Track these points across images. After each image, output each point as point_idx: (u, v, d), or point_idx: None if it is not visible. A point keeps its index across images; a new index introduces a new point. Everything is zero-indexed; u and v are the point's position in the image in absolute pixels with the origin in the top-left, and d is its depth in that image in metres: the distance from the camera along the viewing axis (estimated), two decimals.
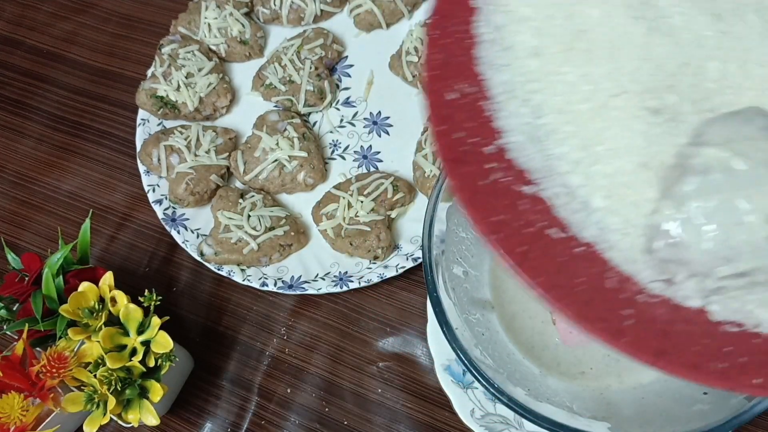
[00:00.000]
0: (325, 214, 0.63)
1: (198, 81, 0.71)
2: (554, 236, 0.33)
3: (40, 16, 0.86)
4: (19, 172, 0.76)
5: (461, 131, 0.36)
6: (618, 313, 0.31)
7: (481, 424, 0.52)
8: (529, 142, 0.36)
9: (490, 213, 0.33)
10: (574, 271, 0.32)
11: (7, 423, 0.47)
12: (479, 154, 0.35)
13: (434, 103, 0.36)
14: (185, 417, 0.61)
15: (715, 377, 0.29)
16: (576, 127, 0.36)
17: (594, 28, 0.38)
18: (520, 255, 0.32)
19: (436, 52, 0.38)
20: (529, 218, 0.34)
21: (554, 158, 0.36)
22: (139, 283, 0.67)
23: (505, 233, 0.33)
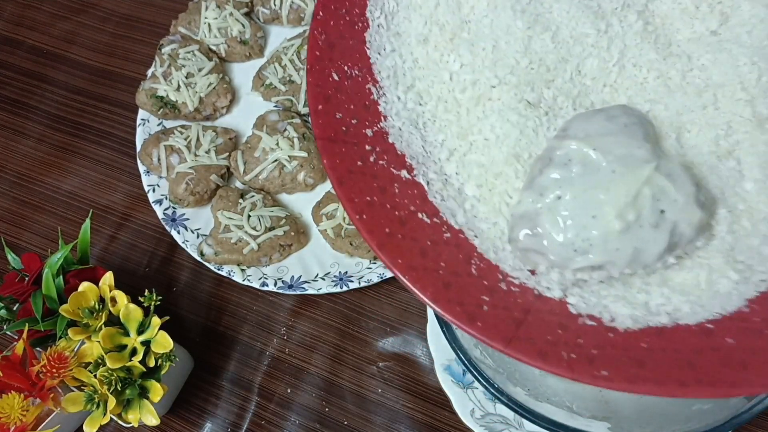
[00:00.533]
0: (325, 214, 0.63)
1: (198, 81, 0.71)
2: (425, 220, 0.34)
3: (40, 16, 0.86)
4: (19, 172, 0.76)
5: (342, 112, 0.36)
6: (476, 298, 0.31)
7: (481, 424, 0.52)
8: (410, 128, 0.36)
9: (359, 193, 0.34)
10: (438, 255, 0.33)
11: (7, 423, 0.47)
12: (359, 135, 0.35)
13: (314, 82, 0.36)
14: (185, 417, 0.61)
15: (562, 367, 0.30)
16: (455, 116, 0.37)
17: (480, 19, 0.38)
18: (382, 236, 0.32)
19: (320, 32, 0.38)
20: (401, 202, 0.34)
21: (433, 145, 0.36)
22: (139, 283, 0.67)
23: (371, 214, 0.33)
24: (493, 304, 0.31)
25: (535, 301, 0.32)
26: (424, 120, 0.37)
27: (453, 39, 0.38)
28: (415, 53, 0.38)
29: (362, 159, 0.35)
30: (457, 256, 0.33)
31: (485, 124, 0.36)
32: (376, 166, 0.35)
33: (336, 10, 0.39)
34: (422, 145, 0.36)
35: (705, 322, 0.32)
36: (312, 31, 0.38)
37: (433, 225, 0.34)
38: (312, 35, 0.38)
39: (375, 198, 0.34)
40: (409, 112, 0.37)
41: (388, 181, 0.35)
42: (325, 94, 0.36)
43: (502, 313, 0.31)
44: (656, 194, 0.31)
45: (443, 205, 0.35)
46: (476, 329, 0.31)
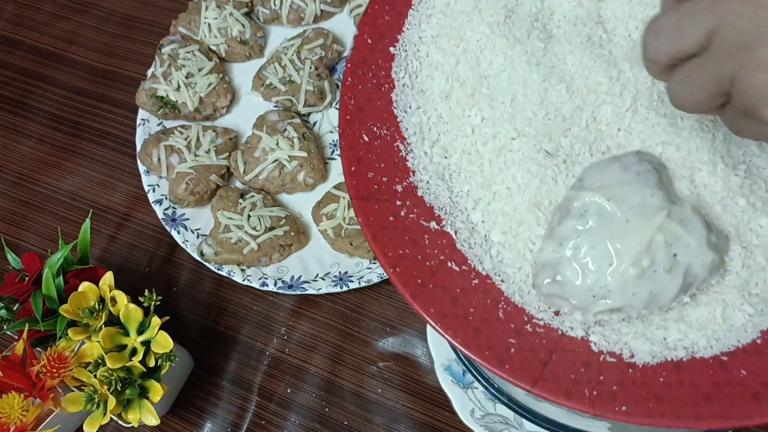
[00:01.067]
0: (325, 214, 0.63)
1: (198, 81, 0.71)
2: (454, 269, 0.36)
3: (40, 16, 0.86)
4: (19, 172, 0.76)
5: (373, 171, 0.38)
6: (504, 342, 0.33)
7: (481, 424, 0.52)
8: (437, 181, 0.38)
9: (392, 247, 0.36)
10: (468, 302, 0.35)
11: (7, 423, 0.47)
12: (390, 192, 0.38)
13: (346, 146, 0.39)
14: (185, 417, 0.61)
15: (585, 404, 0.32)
16: (478, 167, 0.39)
17: (497, 74, 0.40)
18: (415, 287, 0.35)
19: (350, 97, 0.40)
20: (431, 252, 0.36)
21: (459, 196, 0.38)
22: (139, 283, 0.67)
23: (404, 267, 0.35)
24: (520, 347, 0.33)
25: (559, 340, 0.34)
26: (450, 172, 0.39)
27: (473, 94, 0.40)
28: (438, 109, 0.40)
29: (394, 214, 0.37)
30: (486, 301, 0.35)
31: (507, 175, 0.38)
32: (407, 219, 0.37)
33: (363, 75, 0.41)
34: (449, 196, 0.38)
35: (720, 355, 0.34)
36: (342, 96, 0.40)
37: (462, 272, 0.36)
38: (342, 101, 0.40)
39: (407, 251, 0.36)
40: (436, 165, 0.39)
41: (419, 233, 0.37)
42: (357, 155, 0.38)
43: (528, 355, 0.33)
44: (669, 240, 0.33)
45: (471, 253, 0.37)
46: (505, 371, 0.32)
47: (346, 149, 0.38)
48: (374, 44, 0.42)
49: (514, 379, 0.32)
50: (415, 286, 0.34)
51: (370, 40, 0.42)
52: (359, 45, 0.41)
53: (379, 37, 0.42)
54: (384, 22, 0.42)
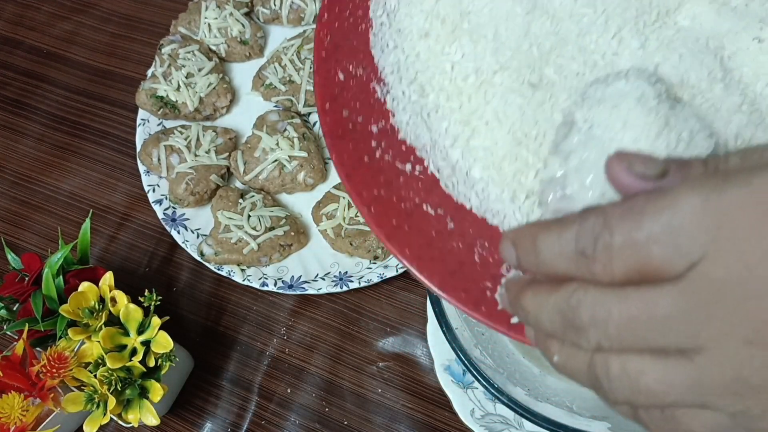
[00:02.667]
0: (325, 214, 0.63)
1: (198, 81, 0.71)
2: (429, 212, 0.35)
3: (40, 16, 0.86)
4: (19, 172, 0.76)
5: (348, 109, 0.37)
6: (480, 284, 0.33)
7: (481, 424, 0.52)
8: (416, 120, 0.37)
9: (366, 187, 0.35)
10: (443, 245, 0.34)
11: (7, 423, 0.47)
12: (366, 132, 0.37)
13: (321, 82, 0.38)
14: (185, 417, 0.61)
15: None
16: (458, 104, 0.37)
17: (479, 9, 0.39)
18: (390, 229, 0.34)
19: (325, 34, 0.39)
20: (406, 195, 0.35)
21: (438, 133, 0.37)
22: (139, 283, 0.67)
23: (378, 207, 0.34)
24: (496, 289, 0.33)
25: None
26: (428, 110, 0.38)
27: (454, 31, 0.39)
28: (417, 48, 0.39)
29: (368, 154, 0.36)
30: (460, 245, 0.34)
31: (488, 109, 0.37)
32: (382, 161, 0.36)
33: (340, 12, 0.40)
34: (429, 135, 0.37)
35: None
36: (317, 33, 0.39)
37: (437, 216, 0.35)
38: (317, 37, 0.39)
39: (382, 192, 0.35)
40: (414, 104, 0.38)
41: (394, 175, 0.36)
42: (331, 93, 0.37)
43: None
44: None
45: (455, 192, 0.36)
46: (481, 314, 0.32)
47: (319, 86, 0.37)
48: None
49: (490, 322, 0.32)
50: (390, 227, 0.34)
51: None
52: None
53: None
54: None
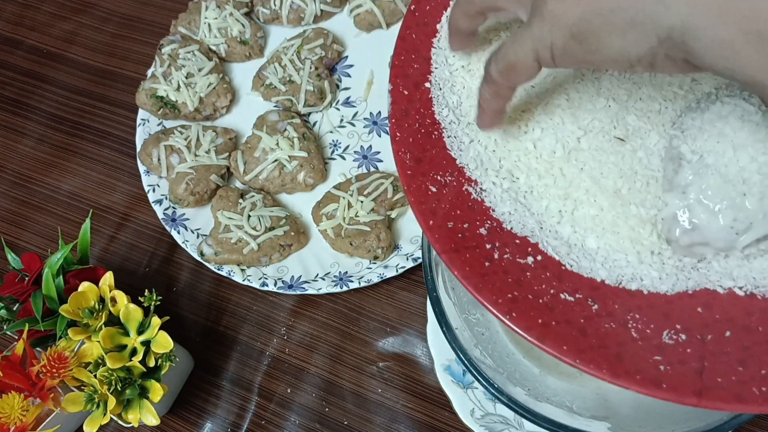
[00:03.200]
0: (325, 214, 0.63)
1: (198, 81, 0.71)
2: (568, 299, 0.34)
3: (40, 16, 0.86)
4: (19, 172, 0.76)
5: (451, 220, 0.37)
6: (652, 362, 0.31)
7: (481, 424, 0.52)
8: (516, 206, 0.37)
9: (499, 294, 0.34)
10: (597, 330, 0.33)
11: (7, 423, 0.47)
12: (477, 237, 0.36)
13: (416, 200, 0.37)
14: (185, 417, 0.61)
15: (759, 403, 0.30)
16: (551, 179, 0.37)
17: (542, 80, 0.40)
18: (539, 329, 0.33)
19: (404, 152, 0.39)
20: (540, 288, 0.34)
21: (541, 214, 0.37)
22: (139, 283, 0.67)
23: (519, 311, 0.33)
24: (668, 362, 0.32)
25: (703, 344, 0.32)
26: (523, 193, 0.38)
27: (525, 110, 0.40)
28: (492, 135, 0.39)
29: (488, 259, 0.35)
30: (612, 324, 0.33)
31: (583, 176, 0.37)
32: (503, 261, 0.35)
33: (410, 126, 0.40)
34: (533, 219, 0.37)
35: None
36: (396, 153, 0.39)
37: (579, 301, 0.34)
38: (397, 156, 0.39)
39: (516, 293, 0.34)
40: (508, 192, 0.37)
41: (520, 272, 0.35)
42: (430, 208, 0.37)
43: (680, 369, 0.31)
44: None
45: (580, 269, 0.35)
46: (663, 392, 0.31)
47: (416, 204, 0.37)
48: (411, 94, 0.41)
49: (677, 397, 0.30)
50: (540, 328, 0.33)
51: (406, 91, 0.41)
52: (396, 98, 0.41)
53: (413, 86, 0.41)
54: (414, 71, 0.42)
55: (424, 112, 0.40)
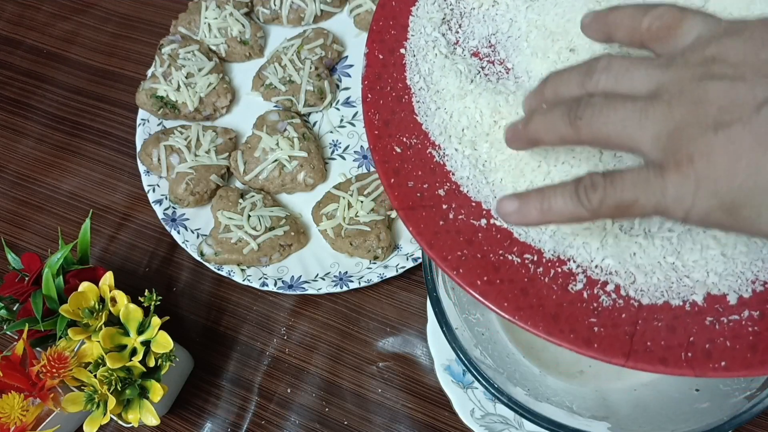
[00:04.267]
0: (325, 214, 0.63)
1: (198, 81, 0.71)
2: (515, 260, 0.36)
3: (40, 16, 0.86)
4: (19, 172, 0.76)
5: (412, 180, 0.39)
6: (586, 322, 0.33)
7: (481, 424, 0.52)
8: (475, 173, 0.39)
9: (449, 251, 0.36)
10: (539, 290, 0.35)
11: (7, 423, 0.47)
12: (434, 198, 0.38)
13: (380, 159, 0.39)
14: (185, 417, 0.61)
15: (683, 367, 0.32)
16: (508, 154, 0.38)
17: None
18: (483, 286, 0.35)
19: (373, 113, 0.41)
20: (489, 249, 0.36)
21: (496, 185, 0.38)
22: (139, 283, 0.67)
23: (466, 268, 0.35)
24: (602, 323, 0.33)
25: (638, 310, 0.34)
26: (483, 162, 0.39)
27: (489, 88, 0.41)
28: (457, 105, 0.41)
29: (443, 218, 0.37)
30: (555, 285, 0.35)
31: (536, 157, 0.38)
32: (457, 221, 0.37)
33: (381, 89, 0.42)
34: (489, 188, 0.38)
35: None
36: (366, 113, 0.41)
37: (524, 263, 0.36)
38: (367, 117, 0.41)
39: (465, 251, 0.36)
40: (469, 158, 0.39)
41: (472, 232, 0.37)
42: (393, 167, 0.39)
43: (612, 331, 0.33)
44: None
45: (528, 239, 0.37)
46: (594, 351, 0.33)
47: (381, 163, 0.39)
48: (386, 59, 0.43)
49: (604, 357, 0.32)
50: (483, 285, 0.35)
51: (381, 56, 0.43)
52: (371, 61, 0.42)
53: (389, 51, 0.43)
54: (391, 37, 0.43)
55: (396, 76, 0.42)
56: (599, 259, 0.35)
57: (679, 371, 0.31)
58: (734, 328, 0.32)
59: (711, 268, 0.34)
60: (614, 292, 0.34)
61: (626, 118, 0.27)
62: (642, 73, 0.28)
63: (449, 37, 0.43)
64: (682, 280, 0.34)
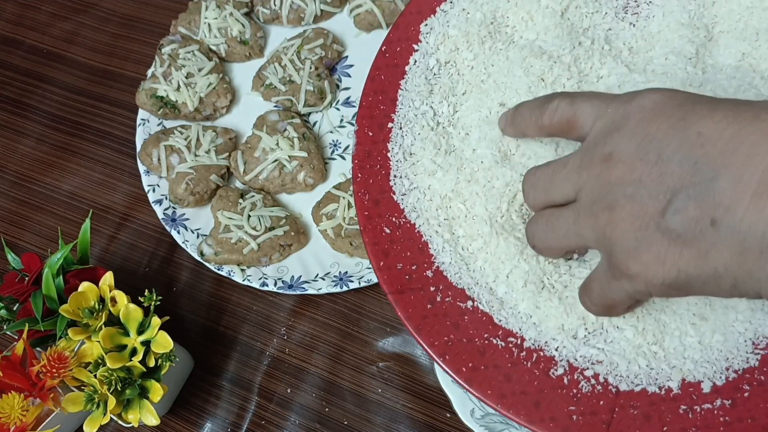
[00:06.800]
0: (325, 214, 0.63)
1: (198, 81, 0.71)
2: (499, 345, 0.36)
3: (40, 16, 0.86)
4: (19, 172, 0.76)
5: (401, 262, 0.39)
6: (565, 410, 0.34)
7: (481, 424, 0.52)
8: (456, 259, 0.39)
9: (436, 336, 0.36)
10: (521, 376, 0.35)
11: (7, 423, 0.47)
12: (422, 280, 0.38)
13: (370, 241, 0.39)
14: (185, 417, 0.61)
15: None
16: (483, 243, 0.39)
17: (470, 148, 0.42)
18: (469, 373, 0.35)
19: (363, 192, 0.41)
20: (475, 333, 0.37)
21: (476, 272, 0.38)
22: (139, 283, 0.67)
23: (453, 353, 0.36)
24: (581, 412, 0.34)
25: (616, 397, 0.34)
26: (461, 247, 0.39)
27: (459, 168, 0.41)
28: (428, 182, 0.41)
29: (431, 301, 0.37)
30: (536, 372, 0.35)
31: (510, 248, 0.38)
32: (444, 304, 0.37)
33: (371, 168, 0.41)
34: (469, 274, 0.38)
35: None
36: (356, 193, 0.41)
37: (508, 348, 0.36)
38: (357, 197, 0.41)
39: (452, 336, 0.36)
40: (448, 242, 0.39)
41: (458, 316, 0.37)
42: (382, 249, 0.39)
43: (590, 419, 0.34)
44: None
45: (510, 326, 0.37)
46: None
47: (371, 245, 0.39)
48: (375, 135, 0.42)
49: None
50: (468, 372, 0.35)
51: (370, 132, 0.42)
52: (361, 139, 0.42)
53: (378, 127, 0.43)
54: (380, 112, 0.43)
55: (385, 153, 0.42)
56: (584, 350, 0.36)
57: None
58: (706, 417, 0.33)
59: (688, 355, 0.35)
60: (593, 378, 0.35)
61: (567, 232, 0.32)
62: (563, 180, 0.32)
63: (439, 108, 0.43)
64: (661, 366, 0.35)
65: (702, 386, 0.34)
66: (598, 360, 0.35)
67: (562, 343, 0.36)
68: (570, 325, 0.36)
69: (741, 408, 0.33)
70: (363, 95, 0.44)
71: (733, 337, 0.35)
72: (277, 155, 0.66)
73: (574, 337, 0.36)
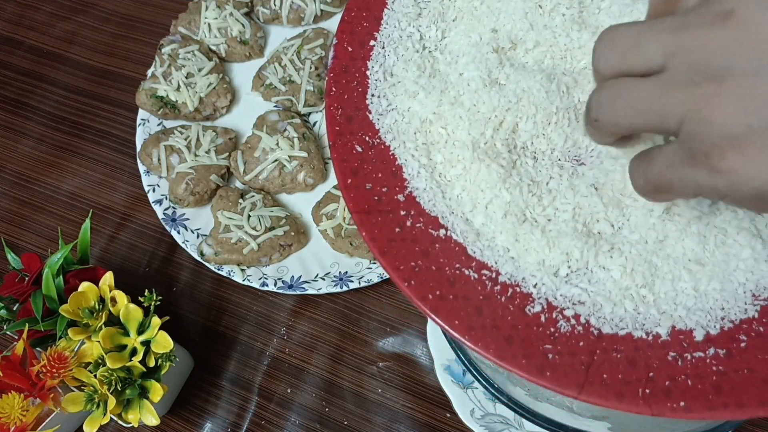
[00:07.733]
0: (325, 214, 0.63)
1: (198, 81, 0.71)
2: (472, 276, 0.34)
3: (40, 16, 0.86)
4: (19, 172, 0.76)
5: (371, 182, 0.36)
6: (540, 348, 0.31)
7: (481, 424, 0.52)
8: (431, 185, 0.36)
9: (402, 260, 0.34)
10: (494, 310, 0.32)
11: (7, 423, 0.47)
12: (392, 203, 0.36)
13: (339, 158, 0.37)
14: (185, 417, 0.61)
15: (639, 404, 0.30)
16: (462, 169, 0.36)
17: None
18: (435, 301, 0.33)
19: (336, 107, 0.39)
20: (446, 261, 0.34)
21: (453, 200, 0.36)
22: (139, 283, 0.67)
23: (419, 280, 0.33)
24: (558, 351, 0.31)
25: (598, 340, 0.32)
26: (438, 173, 0.37)
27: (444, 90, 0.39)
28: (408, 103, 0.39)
29: (399, 225, 0.35)
30: (511, 307, 0.33)
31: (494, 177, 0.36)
32: (414, 229, 0.35)
33: (347, 83, 0.39)
34: (444, 202, 0.36)
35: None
36: (328, 107, 0.38)
37: (481, 280, 0.34)
38: (329, 111, 0.38)
39: (419, 262, 0.34)
40: (425, 167, 0.37)
41: (429, 243, 0.35)
42: (351, 167, 0.37)
43: (569, 360, 0.31)
44: None
45: (485, 258, 0.34)
46: (546, 380, 0.31)
47: (339, 161, 0.37)
48: (355, 51, 0.40)
49: (557, 387, 0.30)
50: (435, 300, 0.32)
51: (350, 48, 0.40)
52: (339, 53, 0.40)
53: (359, 44, 0.41)
54: (362, 29, 0.41)
55: (364, 71, 0.40)
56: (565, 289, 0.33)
57: (636, 408, 0.29)
58: (698, 366, 0.30)
59: (680, 301, 0.32)
60: (574, 318, 0.32)
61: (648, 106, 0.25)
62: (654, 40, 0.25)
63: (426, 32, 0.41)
64: (649, 311, 0.32)
65: (694, 334, 0.31)
66: (580, 300, 0.32)
67: (542, 280, 0.33)
68: (552, 261, 0.33)
69: (737, 358, 0.30)
70: (345, 10, 0.41)
71: (732, 286, 0.32)
72: (277, 155, 0.66)
73: (555, 275, 0.33)
